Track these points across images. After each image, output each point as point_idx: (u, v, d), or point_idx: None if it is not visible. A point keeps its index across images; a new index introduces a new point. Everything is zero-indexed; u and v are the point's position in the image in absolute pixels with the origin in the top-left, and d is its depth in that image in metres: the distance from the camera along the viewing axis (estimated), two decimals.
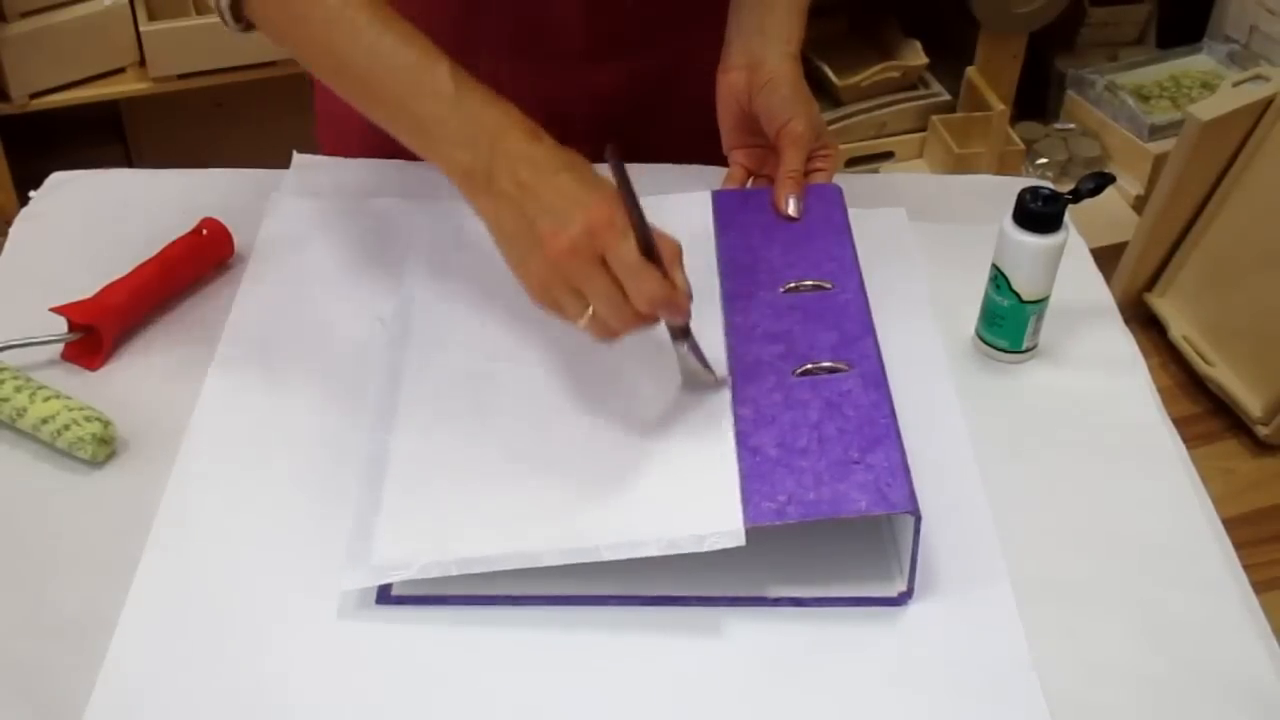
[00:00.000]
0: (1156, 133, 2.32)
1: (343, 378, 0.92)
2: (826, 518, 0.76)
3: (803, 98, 1.00)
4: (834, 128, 2.27)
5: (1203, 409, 2.08)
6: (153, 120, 2.25)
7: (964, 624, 0.78)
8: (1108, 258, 1.91)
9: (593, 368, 0.88)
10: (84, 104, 2.04)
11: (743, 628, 0.78)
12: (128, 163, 2.23)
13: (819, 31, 2.20)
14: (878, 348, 0.86)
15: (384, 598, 0.78)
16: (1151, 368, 0.98)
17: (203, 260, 1.00)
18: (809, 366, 0.85)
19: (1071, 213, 0.93)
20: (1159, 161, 2.25)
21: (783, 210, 0.98)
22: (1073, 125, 2.43)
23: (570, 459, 0.82)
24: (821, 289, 0.91)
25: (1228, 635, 0.79)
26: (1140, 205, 2.26)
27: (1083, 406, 0.94)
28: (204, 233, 1.01)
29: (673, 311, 0.79)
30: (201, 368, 0.92)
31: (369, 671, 0.75)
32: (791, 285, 0.92)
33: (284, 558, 0.80)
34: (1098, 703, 0.75)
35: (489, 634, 0.77)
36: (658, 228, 0.78)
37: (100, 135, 2.26)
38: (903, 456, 0.79)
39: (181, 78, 2.04)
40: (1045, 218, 0.91)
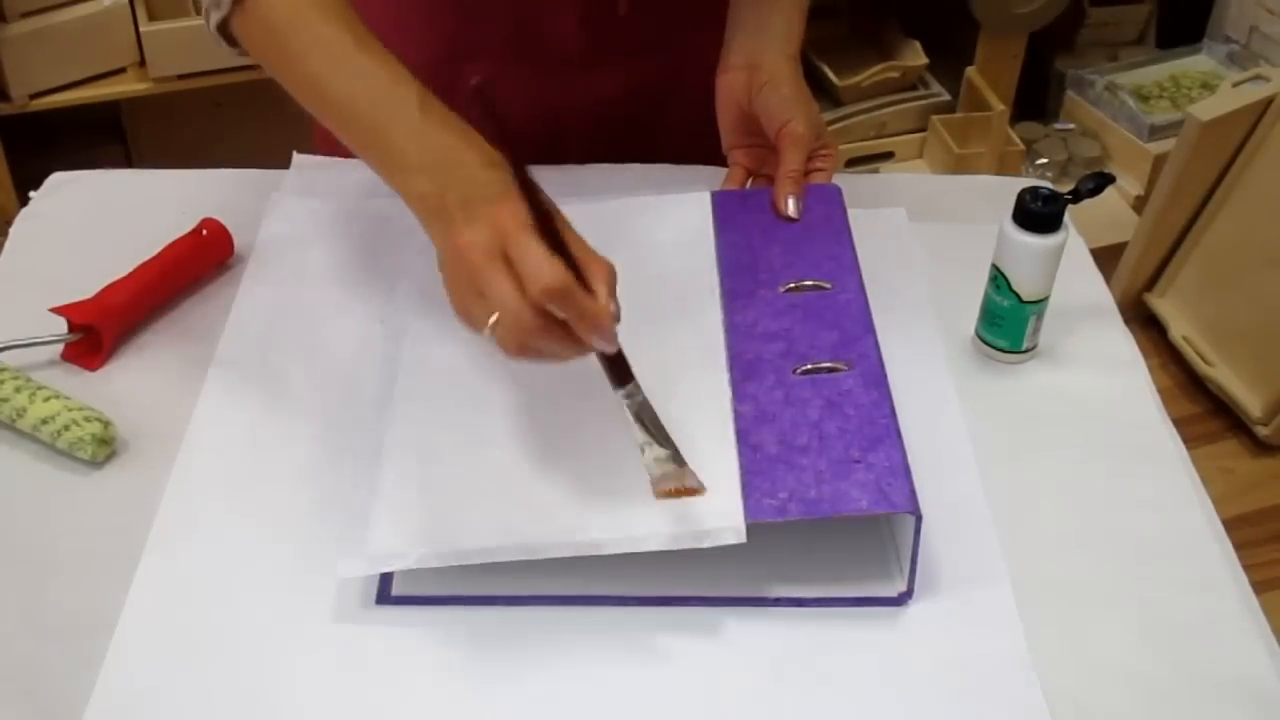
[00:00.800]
0: (1156, 133, 2.32)
1: (343, 377, 0.92)
2: (827, 516, 0.76)
3: (803, 98, 1.00)
4: (834, 128, 2.27)
5: (1203, 409, 2.07)
6: (153, 120, 2.25)
7: (964, 624, 0.78)
8: (1108, 258, 1.91)
9: (592, 363, 0.88)
10: (84, 104, 2.04)
11: (743, 628, 0.78)
12: (128, 163, 2.23)
13: (819, 31, 2.20)
14: (878, 348, 0.86)
15: (384, 598, 0.79)
16: (1151, 368, 0.98)
17: (203, 260, 1.01)
18: (809, 366, 0.85)
19: (1071, 213, 0.93)
20: (1159, 161, 2.25)
21: (782, 210, 0.98)
22: (1073, 125, 2.43)
23: (570, 454, 0.82)
24: (821, 289, 0.91)
25: (1228, 635, 0.79)
26: (1140, 205, 2.26)
27: (1083, 406, 0.94)
28: (204, 233, 1.01)
29: (582, 317, 0.72)
30: (201, 368, 0.92)
31: (369, 671, 0.75)
32: (791, 285, 0.92)
33: (284, 557, 0.80)
34: (1097, 703, 0.75)
35: (489, 634, 0.77)
36: (588, 246, 0.75)
37: (100, 135, 2.26)
38: (903, 456, 0.79)
39: (181, 78, 2.04)
40: (1045, 218, 0.91)
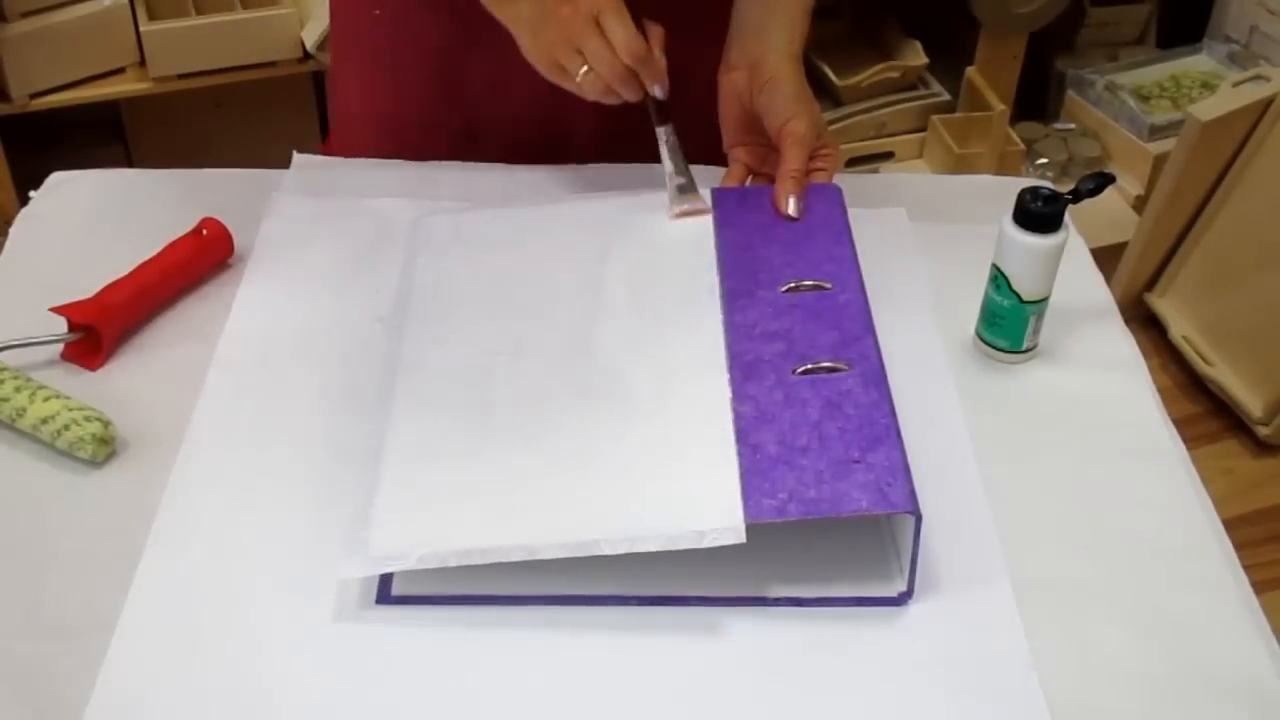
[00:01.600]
0: (1156, 133, 2.32)
1: (343, 377, 0.92)
2: (827, 516, 0.76)
3: (804, 97, 1.00)
4: (834, 128, 2.27)
5: (1203, 409, 2.07)
6: (153, 120, 2.25)
7: (964, 624, 0.78)
8: (1108, 258, 1.91)
9: (592, 363, 0.88)
10: (84, 104, 2.04)
11: (743, 628, 0.78)
12: (128, 163, 2.23)
13: (819, 31, 2.19)
14: (878, 348, 0.86)
15: (384, 598, 0.79)
16: (1151, 368, 0.98)
17: (203, 260, 1.00)
18: (809, 366, 0.85)
19: (1071, 213, 0.93)
20: (1159, 161, 2.25)
21: (783, 210, 0.97)
22: (1073, 125, 2.43)
23: (569, 453, 0.82)
24: (821, 289, 0.91)
25: (1228, 635, 0.79)
26: (1140, 205, 2.26)
27: (1083, 406, 0.94)
28: (204, 233, 1.01)
29: (650, 72, 0.94)
30: (201, 368, 0.92)
31: (369, 671, 0.75)
32: (791, 285, 0.92)
33: (284, 557, 0.80)
34: (1098, 703, 0.75)
35: (488, 634, 0.77)
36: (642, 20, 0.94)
37: (100, 135, 2.26)
38: (903, 456, 0.79)
39: (181, 78, 2.04)
40: (1045, 218, 0.91)
